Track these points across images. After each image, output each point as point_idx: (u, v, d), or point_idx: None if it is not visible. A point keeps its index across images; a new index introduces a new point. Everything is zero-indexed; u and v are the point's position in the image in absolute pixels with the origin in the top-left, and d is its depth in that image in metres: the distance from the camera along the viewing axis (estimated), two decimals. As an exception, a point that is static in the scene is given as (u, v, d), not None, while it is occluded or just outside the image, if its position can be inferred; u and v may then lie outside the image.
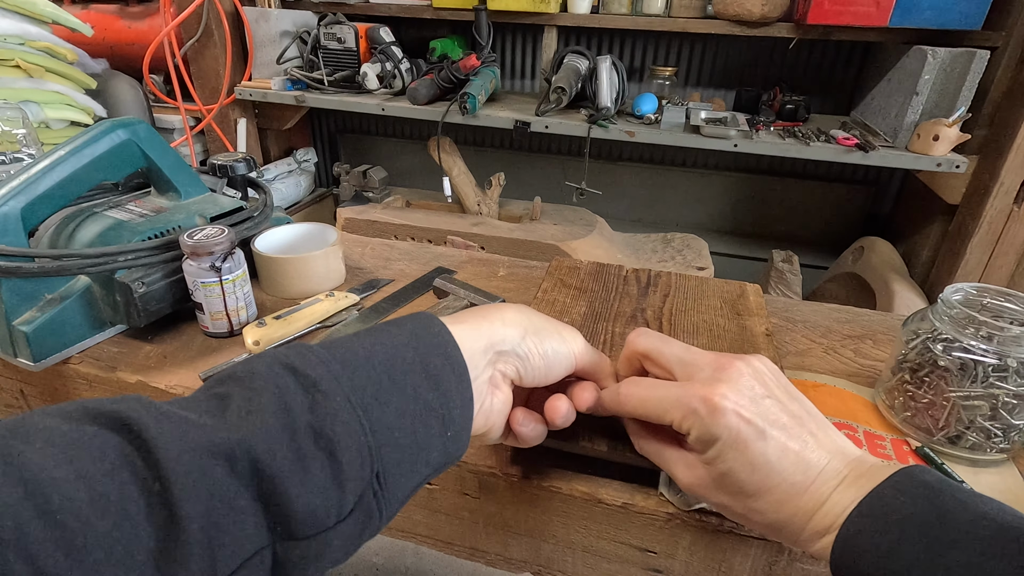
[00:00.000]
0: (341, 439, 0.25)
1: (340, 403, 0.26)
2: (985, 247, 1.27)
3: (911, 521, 0.26)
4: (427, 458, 0.29)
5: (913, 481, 0.28)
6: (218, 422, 0.24)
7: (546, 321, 0.36)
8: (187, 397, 0.27)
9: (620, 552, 0.43)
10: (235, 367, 0.28)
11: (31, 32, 1.13)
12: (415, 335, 0.31)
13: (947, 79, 1.20)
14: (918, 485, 0.28)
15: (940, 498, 0.27)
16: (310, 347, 0.28)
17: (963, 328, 0.42)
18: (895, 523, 0.27)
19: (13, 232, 0.49)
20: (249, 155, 0.70)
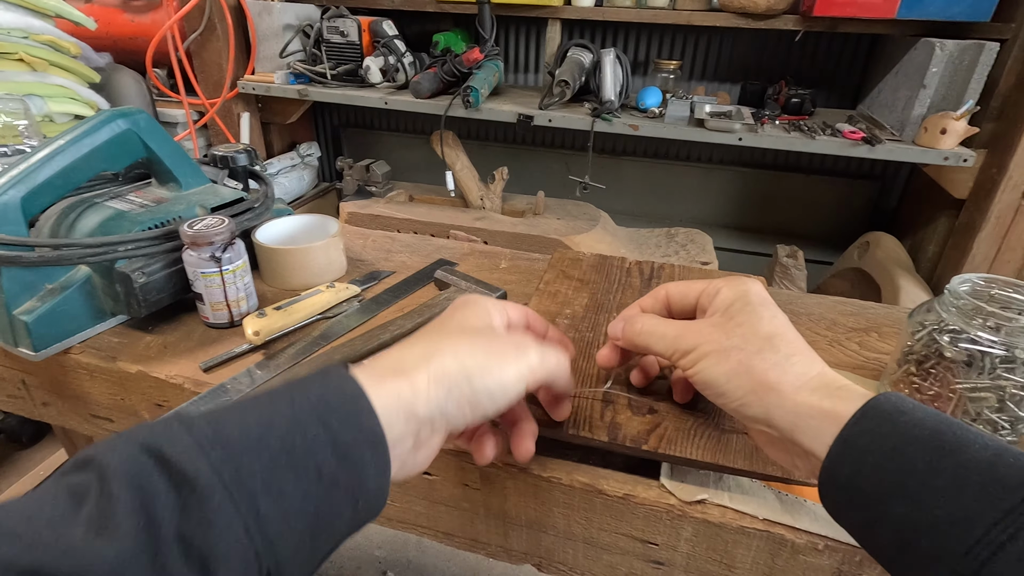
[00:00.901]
0: (218, 549, 0.22)
1: (219, 502, 0.22)
2: (992, 242, 1.26)
3: (920, 426, 0.26)
4: (333, 532, 0.26)
5: (911, 399, 0.29)
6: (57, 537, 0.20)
7: (491, 351, 0.32)
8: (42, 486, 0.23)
9: (621, 544, 0.42)
10: (98, 447, 0.24)
11: (35, 26, 1.13)
12: (323, 401, 0.27)
13: (955, 72, 1.18)
14: (917, 402, 0.28)
15: (944, 416, 0.27)
16: (190, 422, 0.25)
17: (970, 319, 0.41)
18: (902, 426, 0.27)
19: (13, 221, 0.49)
20: (251, 146, 0.69)
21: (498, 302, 0.38)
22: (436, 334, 0.35)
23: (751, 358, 0.32)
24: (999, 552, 0.22)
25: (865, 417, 0.28)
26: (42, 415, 0.61)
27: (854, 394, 0.30)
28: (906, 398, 0.28)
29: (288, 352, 0.52)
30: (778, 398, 0.31)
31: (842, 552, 0.37)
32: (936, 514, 0.24)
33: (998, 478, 0.24)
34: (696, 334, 0.35)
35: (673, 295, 0.40)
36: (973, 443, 0.25)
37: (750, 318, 0.34)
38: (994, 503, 0.23)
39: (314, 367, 0.30)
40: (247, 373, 0.50)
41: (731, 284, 0.36)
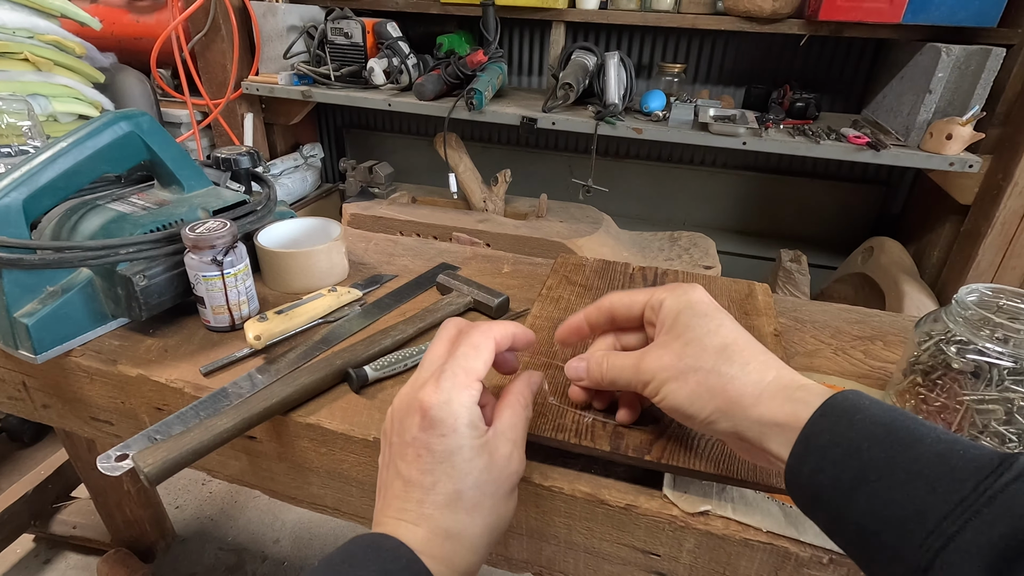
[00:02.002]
0: None
1: None
2: (998, 248, 1.25)
3: (876, 423, 0.27)
4: None
5: (868, 395, 0.29)
6: None
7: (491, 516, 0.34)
8: None
9: (623, 554, 0.42)
10: None
11: (40, 25, 1.13)
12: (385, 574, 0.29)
13: (961, 77, 1.18)
14: (875, 399, 0.29)
15: (900, 412, 0.28)
16: None
17: (978, 330, 0.41)
18: (859, 424, 0.27)
19: (15, 223, 0.48)
20: (254, 149, 0.69)
21: (465, 409, 0.34)
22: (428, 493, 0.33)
23: (708, 377, 0.33)
24: (950, 543, 0.23)
25: (824, 416, 0.29)
26: (42, 417, 0.61)
27: (812, 394, 0.30)
28: (863, 395, 0.29)
29: (289, 356, 0.52)
30: (741, 411, 0.31)
31: (847, 566, 0.36)
32: (893, 508, 0.25)
33: (949, 470, 0.25)
34: (652, 361, 0.35)
35: (617, 307, 0.40)
36: (926, 436, 0.26)
37: (697, 333, 0.34)
38: (946, 495, 0.24)
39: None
40: (248, 377, 0.50)
41: (672, 294, 0.37)
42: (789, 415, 0.30)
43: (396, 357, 0.50)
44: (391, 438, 0.35)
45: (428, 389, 0.33)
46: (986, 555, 0.22)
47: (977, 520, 0.23)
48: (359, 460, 0.46)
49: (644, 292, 0.39)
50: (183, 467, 0.40)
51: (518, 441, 0.35)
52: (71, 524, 1.23)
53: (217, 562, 1.24)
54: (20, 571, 1.21)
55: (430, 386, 0.34)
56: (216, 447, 0.42)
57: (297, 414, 0.46)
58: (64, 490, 1.21)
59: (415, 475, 0.33)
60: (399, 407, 0.35)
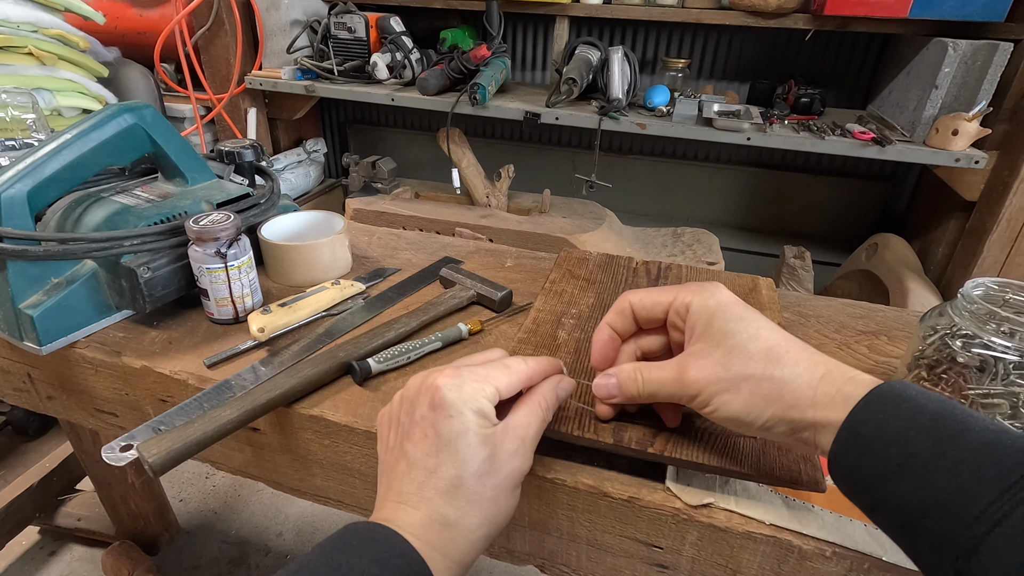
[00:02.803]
0: None
1: None
2: (1003, 245, 1.24)
3: (923, 412, 0.27)
4: None
5: (916, 385, 0.30)
6: None
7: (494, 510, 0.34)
8: None
9: (625, 546, 0.42)
10: None
11: (44, 19, 1.13)
12: (379, 563, 0.29)
13: (968, 72, 1.17)
14: (922, 388, 0.29)
15: (948, 401, 0.28)
16: None
17: (984, 324, 0.40)
18: (906, 412, 0.28)
19: (19, 215, 0.49)
20: (257, 142, 0.69)
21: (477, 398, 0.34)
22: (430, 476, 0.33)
23: (761, 384, 0.32)
24: (996, 528, 0.23)
25: (869, 404, 0.29)
26: (47, 409, 0.61)
27: (860, 384, 0.30)
28: (911, 385, 0.29)
29: (292, 349, 0.52)
30: (799, 413, 0.31)
31: (850, 559, 0.36)
32: (938, 494, 0.25)
33: (996, 459, 0.25)
34: (697, 372, 0.34)
35: (638, 308, 0.39)
36: (975, 426, 0.26)
37: (739, 339, 0.33)
38: (992, 482, 0.24)
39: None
40: (251, 369, 0.50)
41: (698, 296, 0.36)
42: (842, 411, 0.30)
43: (399, 350, 0.50)
44: (400, 418, 0.36)
45: (444, 373, 0.34)
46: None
47: (1023, 508, 0.23)
48: (362, 452, 0.46)
49: (666, 293, 0.38)
50: (187, 458, 0.40)
51: (527, 440, 0.35)
52: (76, 516, 1.23)
53: (220, 555, 1.24)
54: (26, 563, 1.21)
55: (447, 371, 0.35)
56: (220, 438, 0.42)
57: (301, 406, 0.46)
58: (69, 483, 1.21)
59: (419, 456, 0.33)
60: (411, 387, 0.36)
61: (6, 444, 1.29)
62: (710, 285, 0.37)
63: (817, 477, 0.37)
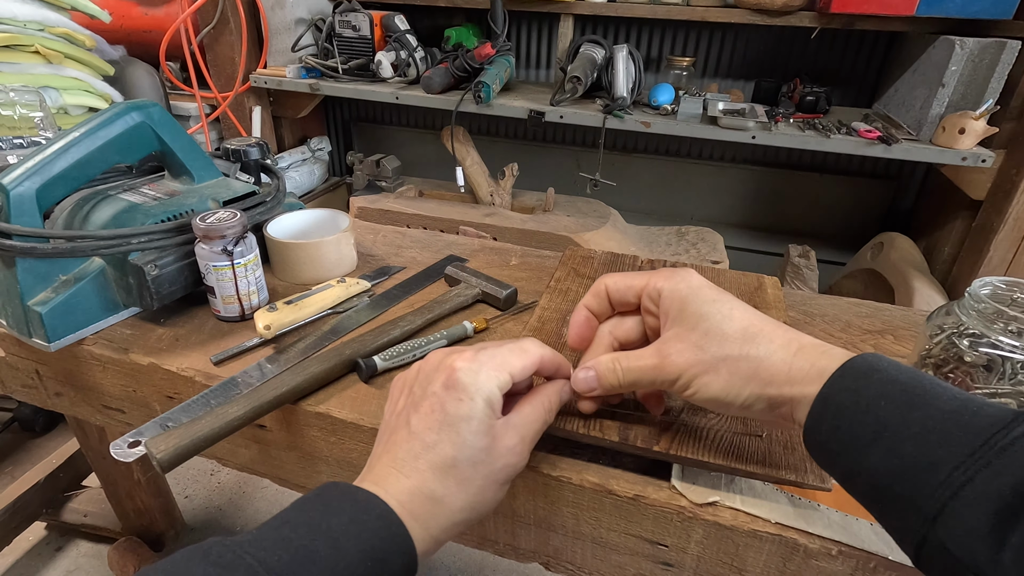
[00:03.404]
0: None
1: None
2: (1010, 244, 1.23)
3: (894, 383, 0.28)
4: None
5: (887, 357, 0.30)
6: None
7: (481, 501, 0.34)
8: None
9: (630, 544, 0.42)
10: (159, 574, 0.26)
11: (50, 18, 1.14)
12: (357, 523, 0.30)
13: (975, 70, 1.16)
14: (893, 360, 0.30)
15: (918, 372, 0.29)
16: (245, 550, 0.27)
17: (991, 323, 0.40)
18: (877, 383, 0.28)
19: (28, 213, 0.49)
20: (262, 140, 0.69)
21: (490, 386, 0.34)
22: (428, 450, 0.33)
23: (738, 364, 0.33)
24: (959, 492, 0.24)
25: (843, 376, 0.30)
26: (55, 405, 0.62)
27: (834, 357, 0.31)
28: (883, 357, 0.30)
29: (298, 346, 0.52)
30: (776, 389, 0.32)
31: (856, 558, 0.36)
32: (906, 462, 0.26)
33: (962, 425, 0.25)
34: (675, 357, 0.35)
35: (612, 291, 0.40)
36: (942, 395, 0.27)
37: (712, 321, 0.34)
38: (957, 448, 0.25)
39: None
40: (257, 367, 0.50)
41: (669, 282, 0.37)
42: (816, 384, 0.30)
43: (405, 347, 0.50)
44: (413, 388, 0.36)
45: (464, 356, 0.35)
46: (994, 504, 0.23)
47: (987, 471, 0.24)
48: (368, 449, 0.46)
49: (639, 278, 0.39)
50: (194, 454, 0.40)
51: (526, 438, 0.35)
52: (82, 512, 1.24)
53: (225, 551, 1.25)
54: (32, 558, 1.22)
55: (467, 354, 0.35)
56: (227, 434, 0.42)
57: (307, 403, 0.47)
58: (75, 479, 1.22)
59: (421, 429, 0.34)
60: (431, 362, 0.36)
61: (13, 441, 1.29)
62: (681, 270, 0.37)
63: (823, 476, 0.37)
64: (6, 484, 1.11)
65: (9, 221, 0.48)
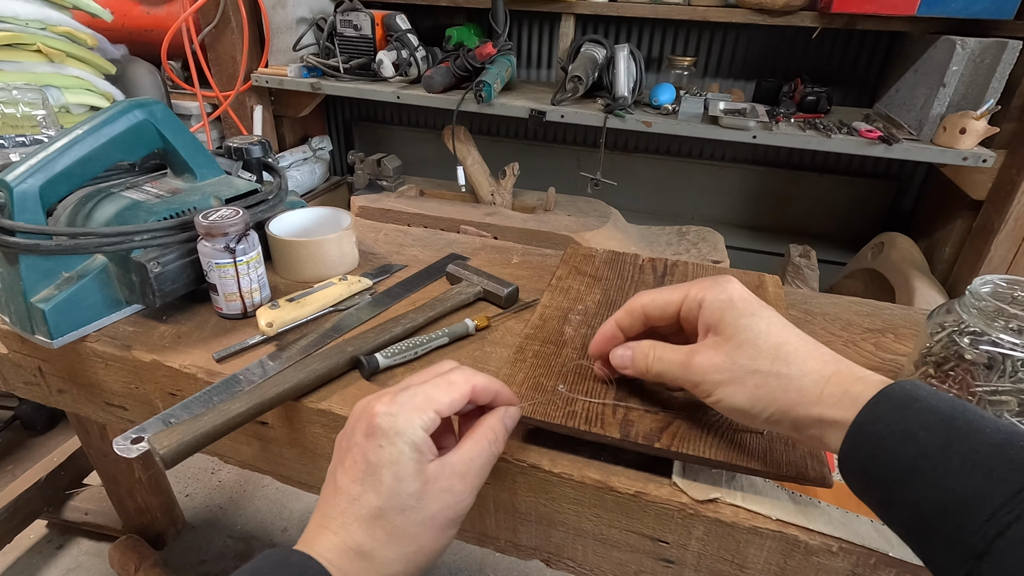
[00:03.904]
0: None
1: None
2: (1011, 244, 1.24)
3: (934, 412, 0.27)
4: None
5: (926, 385, 0.30)
6: None
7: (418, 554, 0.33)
8: None
9: (631, 541, 0.42)
10: None
11: (52, 17, 1.14)
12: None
13: (976, 70, 1.16)
14: (934, 389, 0.29)
15: (959, 401, 0.28)
16: None
17: (992, 321, 0.40)
18: (916, 412, 0.28)
19: (31, 210, 0.49)
20: (264, 138, 0.70)
21: (412, 428, 0.33)
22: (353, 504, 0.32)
23: (767, 380, 0.33)
24: (1006, 531, 0.23)
25: (879, 404, 0.29)
26: (57, 402, 0.62)
27: (870, 386, 0.30)
28: (921, 385, 0.29)
29: (300, 344, 0.52)
30: (804, 410, 0.32)
31: (857, 554, 0.36)
32: (948, 496, 0.25)
33: (1008, 460, 0.25)
34: (703, 361, 0.35)
35: (650, 310, 0.39)
36: (985, 428, 0.26)
37: (749, 335, 0.34)
38: (1003, 485, 0.24)
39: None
40: (259, 364, 0.50)
41: (710, 291, 0.36)
42: (848, 411, 0.30)
43: (407, 345, 0.50)
44: (340, 442, 0.35)
45: (383, 400, 0.33)
46: None
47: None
48: (370, 446, 0.47)
49: (678, 291, 0.38)
50: (197, 450, 0.41)
51: (469, 476, 0.34)
52: (83, 511, 1.24)
53: (226, 550, 1.25)
54: (34, 556, 1.23)
55: (386, 397, 0.34)
56: (229, 431, 0.42)
57: (309, 400, 0.47)
58: (76, 477, 1.22)
59: (346, 482, 0.33)
60: (354, 412, 0.35)
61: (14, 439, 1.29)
62: (721, 279, 0.37)
63: (824, 473, 0.37)
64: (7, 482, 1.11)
65: (12, 218, 0.48)
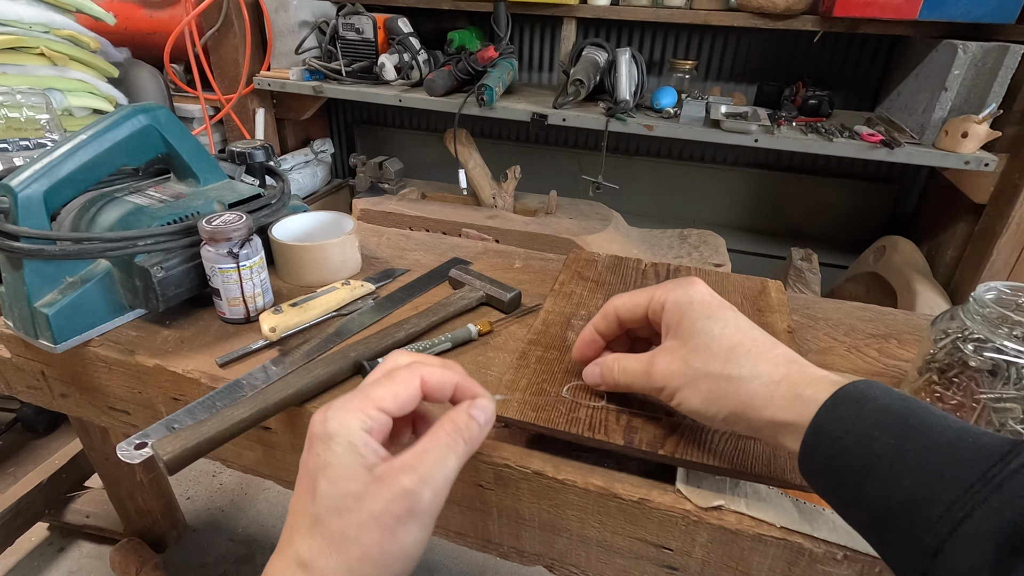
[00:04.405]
0: None
1: None
2: (1013, 248, 1.23)
3: (887, 412, 0.28)
4: None
5: (882, 385, 0.30)
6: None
7: None
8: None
9: (635, 548, 0.42)
10: None
11: (55, 20, 1.14)
12: None
13: (978, 74, 1.16)
14: (887, 387, 0.29)
15: (911, 400, 0.29)
16: None
17: (996, 328, 0.40)
18: (869, 412, 0.28)
19: (36, 215, 0.49)
20: (267, 143, 0.70)
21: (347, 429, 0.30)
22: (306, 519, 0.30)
23: (719, 383, 0.33)
24: (958, 528, 0.24)
25: (835, 405, 0.29)
26: (60, 406, 0.62)
27: (821, 389, 0.31)
28: (875, 384, 0.30)
29: (303, 348, 0.52)
30: (755, 412, 0.32)
31: (861, 563, 0.36)
32: (902, 495, 0.26)
33: (958, 457, 0.25)
34: (662, 367, 0.36)
35: (622, 312, 0.41)
36: (936, 424, 0.27)
37: (703, 338, 0.35)
38: (954, 482, 0.25)
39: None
40: (262, 369, 0.50)
41: (672, 294, 0.37)
42: (800, 414, 0.30)
43: (410, 350, 0.50)
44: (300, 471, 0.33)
45: (321, 408, 0.32)
46: (993, 540, 0.23)
47: (984, 507, 0.23)
48: (373, 452, 0.46)
49: (645, 293, 0.39)
50: (201, 455, 0.40)
51: (421, 469, 0.30)
52: (84, 513, 1.24)
53: (227, 553, 1.25)
54: (35, 559, 1.22)
55: (323, 406, 0.32)
56: (233, 436, 0.42)
57: (312, 405, 0.47)
58: (78, 480, 1.22)
59: (294, 500, 0.31)
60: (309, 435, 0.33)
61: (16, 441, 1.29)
62: (685, 281, 0.38)
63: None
64: (9, 485, 1.11)
65: (17, 223, 0.48)
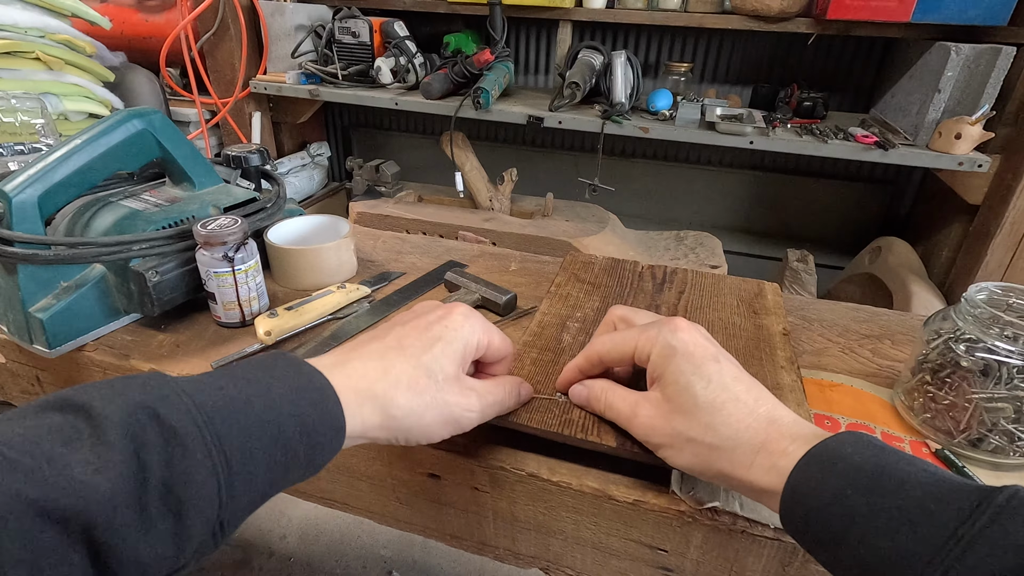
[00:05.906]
0: (192, 499, 0.25)
1: (200, 459, 0.25)
2: (1007, 248, 1.24)
3: (859, 470, 0.28)
4: (273, 493, 0.30)
5: (857, 437, 0.30)
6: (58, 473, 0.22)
7: (433, 406, 0.35)
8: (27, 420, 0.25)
9: (630, 549, 0.42)
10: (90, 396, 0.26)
11: (51, 25, 1.14)
12: (297, 389, 0.31)
13: (971, 76, 1.17)
14: (861, 440, 0.30)
15: (883, 453, 0.29)
16: (181, 387, 0.27)
17: (987, 328, 0.41)
18: (842, 471, 0.28)
19: (30, 219, 0.49)
20: (263, 147, 0.70)
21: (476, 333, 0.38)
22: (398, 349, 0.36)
23: (700, 449, 0.34)
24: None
25: (808, 465, 0.30)
26: (55, 411, 0.62)
27: (800, 445, 0.31)
28: (848, 440, 0.30)
29: (299, 352, 0.52)
30: (738, 478, 0.33)
31: (855, 562, 0.36)
32: (880, 555, 0.26)
33: (928, 515, 0.26)
34: (644, 421, 0.37)
35: (605, 357, 0.40)
36: (909, 479, 0.27)
37: (685, 397, 0.35)
38: (927, 541, 0.25)
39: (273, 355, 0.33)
40: (258, 373, 0.50)
41: (657, 343, 0.37)
42: (776, 481, 0.31)
43: (405, 353, 0.50)
44: (405, 318, 0.39)
45: (464, 306, 0.39)
46: None
47: (958, 567, 0.24)
48: (368, 455, 0.47)
49: (630, 340, 0.38)
50: (196, 460, 0.40)
51: (485, 400, 0.37)
52: (80, 519, 1.24)
53: (224, 557, 1.24)
54: (30, 565, 1.22)
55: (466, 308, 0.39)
56: (228, 441, 0.42)
57: (307, 409, 0.47)
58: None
59: (400, 335, 0.36)
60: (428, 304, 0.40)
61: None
62: (669, 327, 0.37)
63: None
64: (4, 490, 1.10)
65: (11, 228, 0.48)
